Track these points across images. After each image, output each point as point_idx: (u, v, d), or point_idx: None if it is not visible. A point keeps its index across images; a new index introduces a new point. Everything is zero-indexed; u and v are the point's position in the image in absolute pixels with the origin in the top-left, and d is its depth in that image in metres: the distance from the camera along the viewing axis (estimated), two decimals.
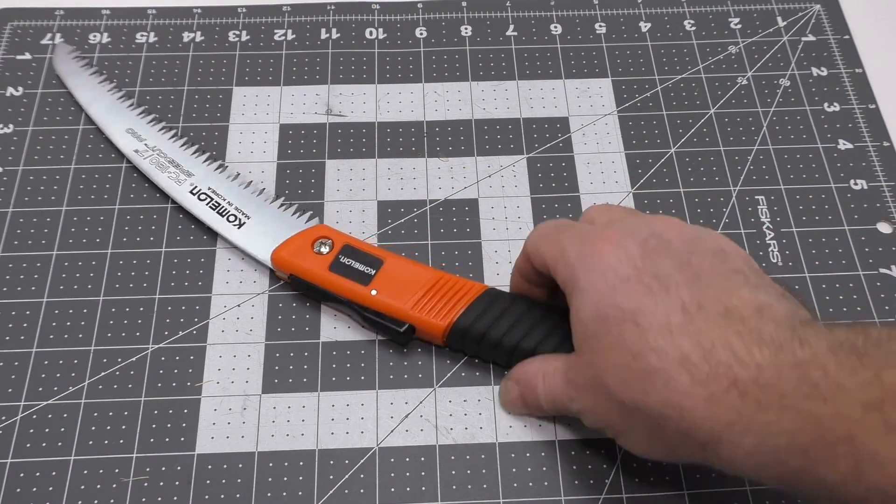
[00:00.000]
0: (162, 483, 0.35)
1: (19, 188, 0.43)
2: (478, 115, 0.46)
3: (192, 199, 0.41)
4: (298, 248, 0.39)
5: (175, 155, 0.43)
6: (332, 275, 0.38)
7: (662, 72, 0.48)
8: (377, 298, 0.37)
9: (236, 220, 0.40)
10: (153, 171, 0.42)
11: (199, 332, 0.39)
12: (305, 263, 0.38)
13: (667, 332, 0.28)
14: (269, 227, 0.40)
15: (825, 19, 0.50)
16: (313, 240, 0.39)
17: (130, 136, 0.43)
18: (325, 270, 0.38)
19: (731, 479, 0.35)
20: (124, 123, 0.44)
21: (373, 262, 0.38)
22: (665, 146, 0.45)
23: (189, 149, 0.43)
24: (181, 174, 0.42)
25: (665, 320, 0.28)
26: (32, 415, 0.36)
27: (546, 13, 0.50)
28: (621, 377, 0.29)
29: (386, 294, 0.37)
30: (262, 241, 0.40)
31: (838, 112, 0.46)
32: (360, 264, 0.38)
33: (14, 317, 0.39)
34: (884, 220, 0.43)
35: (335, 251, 0.38)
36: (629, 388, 0.29)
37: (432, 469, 0.35)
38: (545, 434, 0.36)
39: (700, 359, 0.27)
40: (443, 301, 0.37)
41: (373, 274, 0.37)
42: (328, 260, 0.38)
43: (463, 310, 0.36)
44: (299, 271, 0.38)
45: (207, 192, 0.41)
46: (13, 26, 0.49)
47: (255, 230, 0.40)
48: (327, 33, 0.49)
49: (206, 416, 0.37)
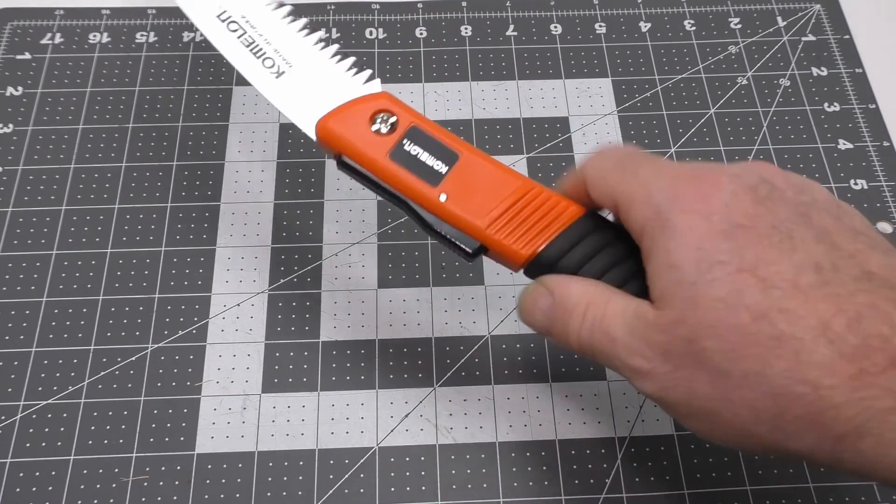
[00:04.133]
0: (162, 483, 0.35)
1: (19, 188, 0.43)
2: (478, 115, 0.46)
3: (219, 28, 0.32)
4: (353, 121, 0.30)
5: None
6: (393, 165, 0.30)
7: (662, 72, 0.48)
8: (446, 206, 0.30)
9: (274, 66, 0.32)
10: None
11: (199, 331, 0.39)
12: (361, 144, 0.30)
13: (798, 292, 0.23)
14: (316, 82, 0.32)
15: (825, 19, 0.50)
16: (373, 112, 0.31)
17: None
18: (385, 158, 0.30)
19: (732, 479, 0.35)
20: None
21: (446, 154, 0.30)
22: (665, 146, 0.45)
23: None
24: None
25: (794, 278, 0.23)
26: (32, 414, 0.36)
27: (546, 13, 0.50)
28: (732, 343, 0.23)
29: (458, 202, 0.29)
30: (306, 102, 0.31)
31: (838, 112, 0.46)
32: (430, 156, 0.30)
33: (14, 316, 0.39)
34: (884, 220, 0.43)
35: (400, 132, 0.30)
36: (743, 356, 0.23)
37: (432, 469, 0.35)
38: (545, 434, 0.36)
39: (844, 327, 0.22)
40: (529, 222, 0.29)
41: (444, 172, 0.30)
42: (390, 143, 0.30)
43: (553, 237, 0.29)
44: (352, 153, 0.30)
45: (239, 22, 0.32)
46: (13, 26, 0.49)
47: (298, 84, 0.32)
48: (327, 33, 0.49)
49: (205, 416, 0.37)
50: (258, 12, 0.33)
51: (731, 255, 0.24)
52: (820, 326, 0.22)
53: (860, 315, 0.22)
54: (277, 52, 0.32)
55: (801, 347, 0.22)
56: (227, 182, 0.43)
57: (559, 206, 0.30)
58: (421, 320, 0.39)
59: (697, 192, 0.25)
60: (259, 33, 0.32)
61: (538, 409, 0.37)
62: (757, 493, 0.35)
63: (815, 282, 0.23)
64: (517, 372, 0.38)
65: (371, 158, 0.30)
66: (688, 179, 0.26)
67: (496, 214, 0.29)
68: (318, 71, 0.32)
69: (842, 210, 0.26)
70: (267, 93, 0.32)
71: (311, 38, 0.33)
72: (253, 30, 0.32)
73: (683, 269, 0.24)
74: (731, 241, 0.24)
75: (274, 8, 0.33)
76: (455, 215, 0.30)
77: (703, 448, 0.36)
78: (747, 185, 0.25)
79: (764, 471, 0.35)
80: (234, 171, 0.43)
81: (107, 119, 0.45)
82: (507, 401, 0.37)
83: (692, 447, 0.36)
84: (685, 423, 0.26)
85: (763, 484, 0.35)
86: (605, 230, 0.29)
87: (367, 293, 0.40)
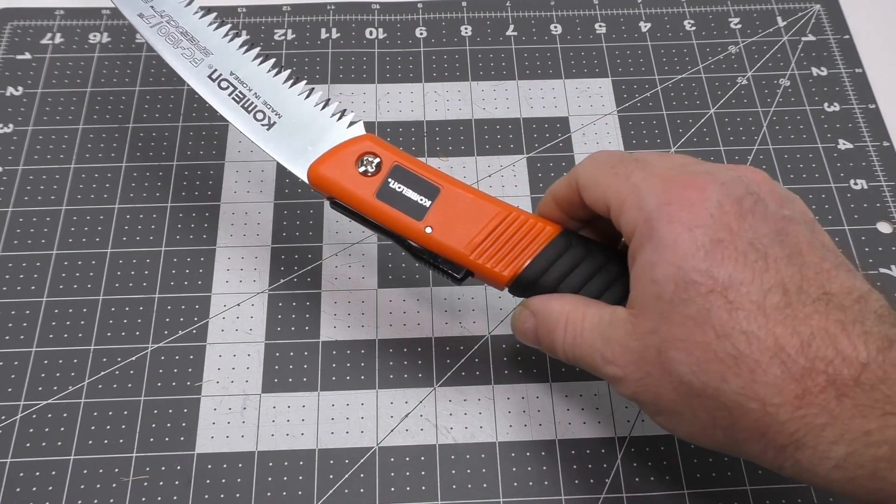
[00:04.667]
0: (162, 483, 0.35)
1: (19, 188, 0.43)
2: (478, 115, 0.46)
3: (211, 87, 0.34)
4: (341, 164, 0.33)
5: (189, 25, 0.35)
6: (380, 204, 0.32)
7: (662, 72, 0.48)
8: (432, 237, 0.32)
9: (265, 117, 0.34)
10: (162, 46, 0.35)
11: (199, 331, 0.39)
12: (350, 187, 0.33)
13: (761, 315, 0.25)
14: (304, 130, 0.34)
15: (825, 19, 0.50)
16: (359, 155, 0.33)
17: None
18: (372, 197, 0.32)
19: (731, 478, 0.35)
20: None
21: (428, 189, 0.33)
22: (665, 146, 0.45)
23: (206, 17, 0.36)
24: (197, 52, 0.35)
25: (760, 299, 0.25)
26: (32, 414, 0.36)
27: (546, 13, 0.50)
28: (696, 357, 0.25)
29: (442, 233, 0.32)
30: (297, 150, 0.33)
31: (838, 112, 0.46)
32: (414, 192, 0.32)
33: (14, 316, 0.39)
34: (884, 220, 0.43)
35: (384, 172, 0.33)
36: (704, 371, 0.25)
37: (432, 469, 0.35)
38: (545, 434, 0.36)
39: (796, 350, 0.24)
40: (509, 245, 0.32)
41: (427, 206, 0.32)
42: (376, 184, 0.33)
43: (532, 258, 0.32)
44: (342, 195, 0.33)
45: (229, 79, 0.34)
46: (13, 26, 0.49)
47: (288, 134, 0.34)
48: (327, 33, 0.49)
49: (205, 416, 0.37)
50: (245, 68, 0.35)
51: (706, 276, 0.26)
52: (776, 348, 0.25)
53: (812, 337, 0.24)
54: (266, 104, 0.34)
55: (756, 367, 0.25)
56: (227, 182, 0.43)
57: (536, 227, 0.32)
58: (421, 320, 0.39)
59: (686, 200, 0.27)
60: (248, 88, 0.34)
61: (538, 409, 0.37)
62: (757, 493, 0.35)
63: (779, 303, 0.25)
64: (517, 372, 0.38)
65: (361, 199, 0.33)
66: (678, 185, 0.27)
67: (478, 241, 0.32)
68: (305, 119, 0.34)
69: (814, 224, 0.28)
70: (260, 143, 0.34)
71: (296, 88, 0.35)
72: (242, 85, 0.34)
73: (662, 286, 0.26)
74: (708, 259, 0.26)
75: (260, 62, 0.35)
76: (441, 245, 0.32)
77: (703, 448, 0.36)
78: (734, 196, 0.27)
79: (764, 471, 0.35)
80: (234, 171, 0.43)
81: (107, 119, 0.45)
82: (507, 401, 0.37)
83: (692, 447, 0.36)
84: (654, 420, 0.29)
85: (763, 484, 0.35)
86: (580, 246, 0.32)
87: (367, 293, 0.40)
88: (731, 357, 0.25)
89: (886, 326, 0.25)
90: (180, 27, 0.36)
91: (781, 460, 0.25)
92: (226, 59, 0.35)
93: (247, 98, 0.34)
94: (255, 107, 0.34)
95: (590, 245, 0.32)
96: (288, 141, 0.34)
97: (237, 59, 0.35)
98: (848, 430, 0.24)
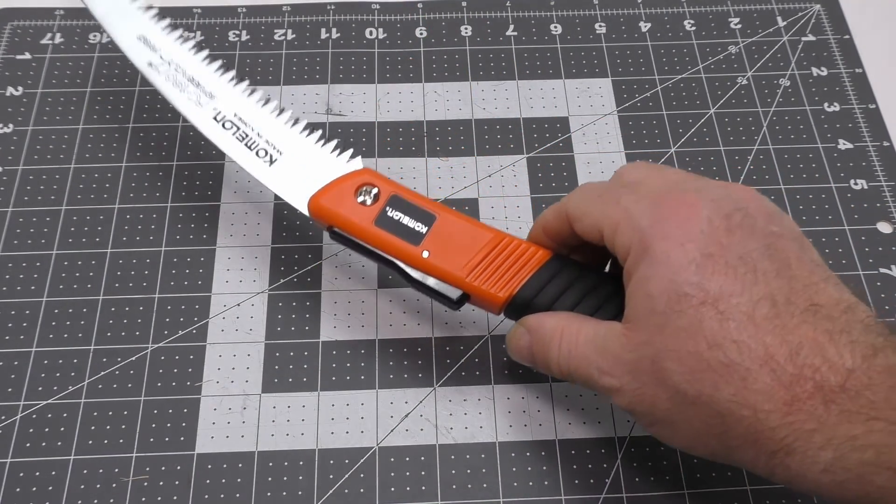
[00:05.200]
0: (162, 483, 0.35)
1: (19, 188, 0.43)
2: (478, 114, 0.46)
3: (216, 128, 0.36)
4: (340, 196, 0.34)
5: (195, 71, 0.37)
6: (378, 231, 0.34)
7: (662, 72, 0.48)
8: (429, 261, 0.33)
9: (267, 155, 0.35)
10: (170, 91, 0.37)
11: (199, 331, 0.39)
12: (349, 215, 0.34)
13: (751, 324, 0.26)
14: (305, 166, 0.35)
15: (825, 19, 0.50)
16: (357, 186, 0.35)
17: (142, 45, 0.38)
18: (371, 225, 0.34)
19: (732, 478, 0.35)
20: (135, 29, 0.38)
21: (424, 216, 0.34)
22: (665, 146, 0.45)
23: (212, 64, 0.38)
24: (202, 95, 0.37)
25: (750, 310, 0.26)
26: (32, 414, 0.36)
27: (546, 13, 0.50)
28: (689, 366, 0.26)
29: (439, 257, 0.33)
30: (298, 184, 0.35)
31: (838, 112, 0.46)
32: (410, 219, 0.34)
33: (14, 316, 0.39)
34: (884, 220, 0.43)
35: (382, 202, 0.34)
36: (697, 379, 0.26)
37: (432, 469, 0.35)
38: (545, 434, 0.36)
39: (786, 358, 0.25)
40: (503, 269, 0.33)
41: (424, 232, 0.33)
42: (374, 212, 0.34)
43: (525, 280, 0.33)
44: (342, 224, 0.34)
45: (233, 120, 0.36)
46: (13, 26, 0.49)
47: (290, 169, 0.35)
48: (327, 33, 0.49)
49: (205, 416, 0.37)
50: (248, 109, 0.37)
51: (697, 288, 0.27)
52: (765, 357, 0.25)
53: (801, 346, 0.25)
54: (269, 142, 0.36)
55: (747, 375, 0.25)
56: (227, 182, 0.43)
57: (528, 252, 0.33)
58: (421, 320, 0.39)
59: (677, 216, 0.28)
60: (251, 128, 0.36)
61: (538, 409, 0.37)
62: (757, 493, 0.35)
63: (768, 314, 0.26)
64: (517, 372, 0.38)
65: (359, 227, 0.34)
66: (669, 203, 0.28)
67: (473, 264, 0.33)
68: (305, 155, 0.36)
69: (803, 240, 0.29)
70: (262, 179, 0.36)
71: (297, 127, 0.37)
72: (245, 125, 0.36)
73: (656, 299, 0.27)
74: (699, 273, 0.27)
75: (262, 104, 0.37)
76: (438, 269, 0.33)
77: None
78: (723, 212, 0.28)
79: None
80: (234, 170, 0.43)
81: (107, 119, 0.45)
82: (507, 401, 0.37)
83: None
84: (649, 430, 0.30)
85: (763, 484, 0.35)
86: (571, 269, 0.33)
87: (367, 293, 0.40)
88: (723, 365, 0.26)
89: (872, 336, 0.25)
90: (187, 73, 0.37)
91: (772, 466, 0.26)
92: (230, 102, 0.37)
93: (249, 137, 0.36)
94: (258, 145, 0.36)
95: (581, 267, 0.33)
96: (289, 176, 0.35)
97: (240, 101, 0.37)
98: (835, 436, 0.24)
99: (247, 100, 0.37)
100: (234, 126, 0.36)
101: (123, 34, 0.39)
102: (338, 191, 0.35)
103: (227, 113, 0.36)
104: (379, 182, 0.35)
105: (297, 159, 0.36)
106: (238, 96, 0.37)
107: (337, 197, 0.34)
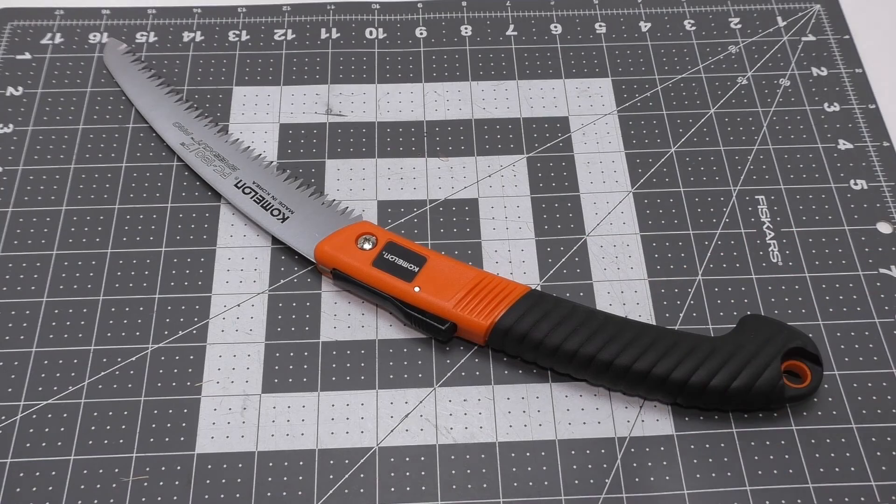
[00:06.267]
0: (162, 483, 0.35)
1: (19, 188, 0.43)
2: (478, 114, 0.46)
3: (237, 193, 0.41)
4: (342, 244, 0.39)
5: (220, 149, 0.43)
6: (375, 270, 0.38)
7: (662, 72, 0.48)
8: (420, 296, 0.37)
9: (280, 214, 0.41)
10: (199, 165, 0.43)
11: (199, 331, 0.39)
12: (349, 258, 0.38)
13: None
14: (312, 221, 0.40)
15: (825, 19, 0.50)
16: (357, 235, 0.39)
17: (177, 130, 0.44)
18: (369, 266, 0.38)
19: (732, 478, 0.35)
20: (171, 117, 0.44)
21: (416, 259, 0.38)
22: (665, 146, 0.45)
23: (234, 143, 0.44)
24: (226, 168, 0.42)
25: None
26: (32, 414, 0.36)
27: (546, 13, 0.50)
28: None
29: (429, 291, 0.37)
30: (306, 236, 0.40)
31: (838, 112, 0.46)
32: (404, 261, 0.38)
33: (14, 317, 0.39)
34: (884, 220, 0.43)
35: (379, 248, 0.39)
36: None
37: (432, 469, 0.35)
38: (545, 434, 0.36)
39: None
40: (485, 301, 0.37)
41: (416, 271, 0.38)
42: (371, 256, 0.38)
43: (505, 310, 0.36)
44: (343, 266, 0.38)
45: (252, 186, 0.42)
46: (13, 26, 0.49)
47: (299, 224, 0.40)
48: (327, 33, 0.49)
49: (205, 416, 0.37)
50: (265, 177, 0.42)
51: None
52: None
53: None
54: (282, 203, 0.41)
55: None
56: None
57: (507, 287, 0.37)
58: None
59: None
60: (267, 192, 0.42)
61: (538, 409, 0.37)
62: (757, 493, 0.35)
63: None
64: (517, 372, 0.38)
65: (359, 268, 0.38)
66: None
67: (459, 297, 0.37)
68: (313, 213, 0.41)
69: None
70: (276, 233, 0.41)
71: (307, 191, 0.42)
72: (262, 190, 0.42)
73: None
74: None
75: (277, 174, 0.42)
76: (427, 301, 0.37)
77: (703, 448, 0.36)
78: None
79: (764, 470, 0.36)
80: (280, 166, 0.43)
81: (107, 119, 0.45)
82: (507, 401, 0.37)
83: (692, 447, 0.36)
84: None
85: (763, 484, 0.35)
86: (547, 301, 0.37)
87: None
88: None
89: None
90: (213, 150, 0.43)
91: None
92: (249, 172, 0.42)
93: (265, 200, 0.41)
94: (273, 206, 0.41)
95: (556, 300, 0.37)
96: (299, 230, 0.40)
97: (259, 171, 0.42)
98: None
99: (264, 170, 0.42)
100: (253, 191, 0.42)
101: (161, 120, 0.44)
102: (341, 239, 0.39)
103: (247, 181, 0.42)
104: (377, 232, 0.39)
105: (305, 216, 0.41)
106: (256, 167, 0.43)
107: (340, 244, 0.39)
